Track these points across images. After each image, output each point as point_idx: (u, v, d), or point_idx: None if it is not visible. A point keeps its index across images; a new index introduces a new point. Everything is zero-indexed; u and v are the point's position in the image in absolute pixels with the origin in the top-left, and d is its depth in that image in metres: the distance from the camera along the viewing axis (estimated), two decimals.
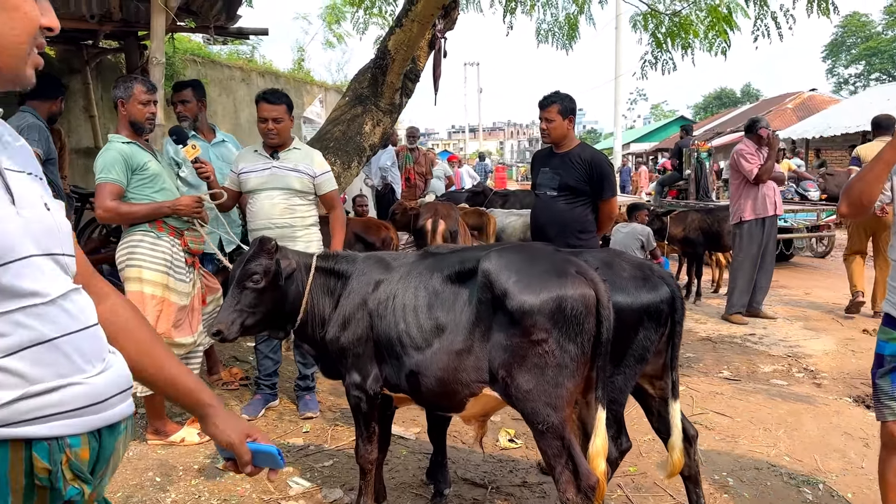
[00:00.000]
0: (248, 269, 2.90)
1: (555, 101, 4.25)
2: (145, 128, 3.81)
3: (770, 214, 6.85)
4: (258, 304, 2.93)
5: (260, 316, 2.96)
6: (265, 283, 2.91)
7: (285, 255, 3.03)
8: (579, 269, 2.61)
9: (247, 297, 2.91)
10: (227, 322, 2.87)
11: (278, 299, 2.98)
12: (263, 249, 2.94)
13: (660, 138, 40.94)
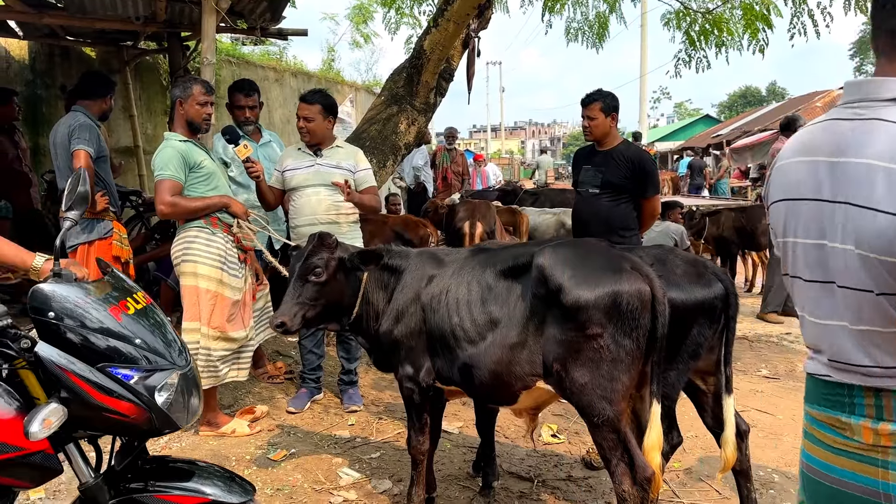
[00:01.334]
0: (310, 263, 2.98)
1: (597, 99, 4.28)
2: (201, 128, 3.90)
3: None
4: (319, 297, 3.01)
5: (320, 309, 3.04)
6: (326, 276, 2.99)
7: (345, 249, 3.10)
8: (634, 265, 2.65)
9: (308, 291, 2.98)
10: (290, 314, 2.95)
11: (337, 293, 3.06)
12: (324, 244, 3.02)
13: (684, 137, 40.58)
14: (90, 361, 1.69)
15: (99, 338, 1.72)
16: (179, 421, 1.79)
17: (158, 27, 6.68)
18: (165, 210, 3.72)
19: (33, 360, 1.67)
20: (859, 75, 47.29)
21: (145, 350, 1.76)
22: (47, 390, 1.69)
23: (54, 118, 4.92)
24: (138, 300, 1.90)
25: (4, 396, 1.70)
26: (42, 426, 1.58)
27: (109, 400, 1.68)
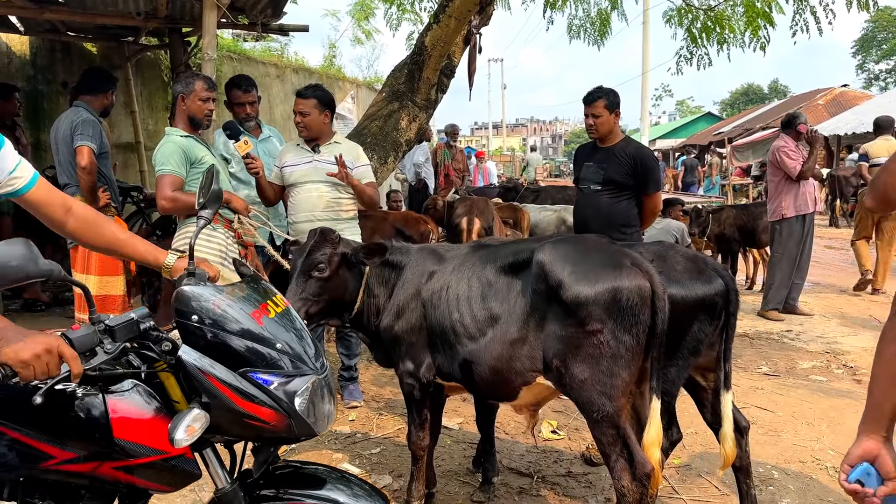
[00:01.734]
0: (313, 259, 2.98)
1: (601, 96, 4.28)
2: (202, 123, 3.91)
3: (811, 211, 6.82)
4: (322, 293, 3.01)
5: (322, 304, 3.04)
6: (329, 272, 2.99)
7: (347, 244, 3.11)
8: (634, 261, 2.65)
9: (311, 286, 2.98)
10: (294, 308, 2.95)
11: (340, 288, 3.06)
12: (327, 239, 3.02)
13: (686, 134, 40.56)
14: (232, 366, 1.64)
15: (241, 342, 1.67)
16: (317, 427, 1.73)
17: (159, 23, 6.69)
18: (166, 205, 3.72)
19: (174, 363, 1.63)
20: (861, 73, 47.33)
21: (285, 354, 1.70)
22: (187, 394, 1.65)
23: (55, 114, 4.94)
24: (278, 303, 1.85)
25: (146, 399, 1.68)
26: (186, 433, 1.55)
27: (251, 406, 1.63)
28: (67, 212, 1.99)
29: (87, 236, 2.02)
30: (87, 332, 1.55)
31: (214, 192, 2.02)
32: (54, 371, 1.44)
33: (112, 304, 4.63)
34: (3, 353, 1.40)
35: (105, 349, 1.57)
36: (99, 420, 1.61)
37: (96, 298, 4.54)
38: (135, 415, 1.64)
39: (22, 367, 1.40)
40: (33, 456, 1.61)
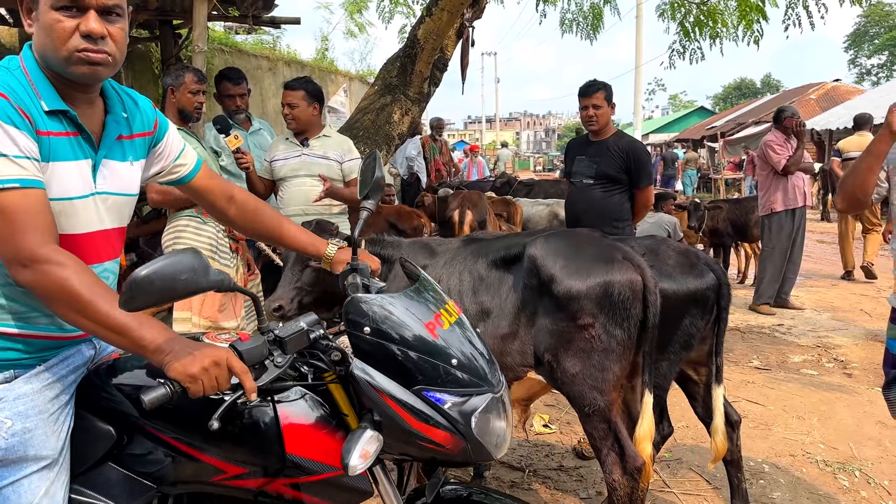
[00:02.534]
0: None
1: (601, 88, 4.26)
2: (192, 116, 3.87)
3: (800, 205, 6.83)
4: (316, 283, 2.99)
5: (316, 295, 3.02)
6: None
7: (342, 236, 3.09)
8: (626, 255, 2.65)
9: (307, 276, 2.96)
10: (287, 298, 2.92)
11: (334, 280, 3.04)
12: (324, 230, 2.99)
13: (679, 129, 40.65)
14: (404, 382, 1.50)
15: (415, 356, 1.52)
16: (495, 452, 1.57)
17: (150, 15, 6.63)
18: (156, 198, 3.69)
19: (343, 375, 1.52)
20: (853, 68, 47.47)
21: (461, 370, 1.54)
22: (356, 407, 1.55)
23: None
24: (451, 311, 1.69)
25: (315, 410, 1.58)
26: (360, 458, 1.43)
27: (425, 428, 1.49)
28: (230, 199, 1.95)
29: (249, 223, 1.98)
30: (257, 343, 1.46)
31: (377, 181, 1.94)
32: (224, 385, 1.38)
33: None
34: (172, 368, 1.34)
35: (275, 362, 1.48)
36: (270, 434, 1.54)
37: None
38: (306, 428, 1.56)
39: (190, 382, 1.34)
40: (204, 471, 1.58)
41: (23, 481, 1.49)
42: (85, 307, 1.34)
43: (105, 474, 1.62)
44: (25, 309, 1.52)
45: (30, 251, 1.35)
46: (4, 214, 1.35)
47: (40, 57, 1.52)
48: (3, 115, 1.37)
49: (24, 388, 1.52)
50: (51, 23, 1.46)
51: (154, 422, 1.58)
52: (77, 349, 1.65)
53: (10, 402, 1.49)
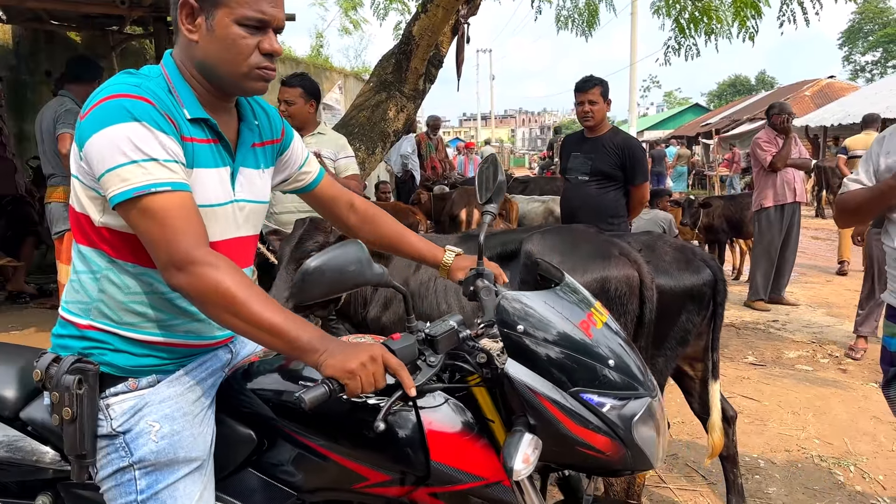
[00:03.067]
0: (305, 248, 2.93)
1: (597, 83, 4.26)
2: None
3: (790, 201, 6.84)
4: None
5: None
6: None
7: (335, 234, 3.08)
8: (622, 251, 2.65)
9: None
10: (282, 298, 2.91)
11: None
12: (319, 228, 2.98)
13: (674, 126, 40.70)
14: (560, 384, 1.41)
15: (570, 357, 1.43)
16: (654, 460, 1.47)
17: (144, 11, 6.60)
18: None
19: (490, 377, 1.45)
20: (848, 64, 47.59)
21: (618, 372, 1.45)
22: (502, 412, 1.47)
23: (39, 103, 4.87)
24: (601, 311, 1.59)
25: (459, 416, 1.50)
26: (523, 463, 1.34)
27: (584, 432, 1.39)
28: (351, 207, 1.93)
29: (369, 231, 1.95)
30: (409, 342, 1.41)
31: (500, 185, 1.89)
32: (380, 382, 1.32)
33: None
34: (329, 366, 1.30)
35: (428, 362, 1.42)
36: (414, 440, 1.47)
37: None
38: (450, 435, 1.48)
39: (349, 379, 1.29)
40: (346, 477, 1.53)
41: (178, 484, 1.49)
42: (239, 309, 1.32)
43: (245, 480, 1.59)
44: (167, 317, 1.52)
45: (185, 253, 1.33)
46: (158, 218, 1.33)
47: (199, 66, 1.50)
48: (152, 120, 1.36)
49: (167, 391, 1.53)
50: (234, 38, 1.45)
51: (296, 426, 1.54)
52: (214, 354, 1.66)
53: (156, 405, 1.51)
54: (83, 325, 1.51)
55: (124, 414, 1.49)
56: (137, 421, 1.49)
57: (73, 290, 1.53)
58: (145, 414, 1.50)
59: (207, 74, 1.50)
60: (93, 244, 1.48)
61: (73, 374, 1.44)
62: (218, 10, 1.43)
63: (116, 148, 1.33)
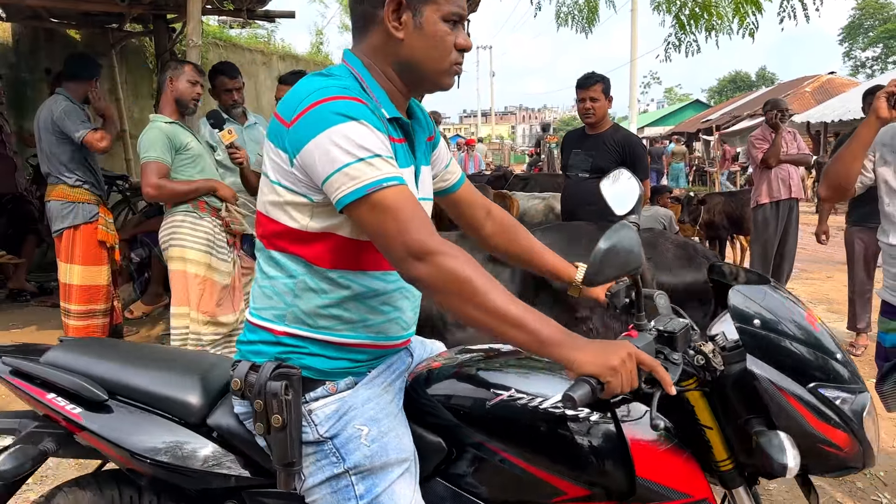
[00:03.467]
0: None
1: (599, 80, 4.26)
2: (189, 107, 3.86)
3: (785, 197, 6.82)
4: None
5: None
6: None
7: None
8: None
9: None
10: None
11: None
12: None
13: (674, 122, 40.66)
14: (799, 380, 1.38)
15: (805, 350, 1.40)
16: (876, 454, 1.44)
17: (144, 9, 6.60)
18: (151, 192, 3.68)
19: (710, 380, 1.41)
20: (848, 60, 47.55)
21: (844, 366, 1.42)
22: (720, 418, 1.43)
23: (39, 101, 4.85)
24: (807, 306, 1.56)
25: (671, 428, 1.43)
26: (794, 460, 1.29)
27: (827, 429, 1.36)
28: (488, 214, 1.89)
29: (503, 242, 1.90)
30: (647, 340, 1.37)
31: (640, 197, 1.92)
32: (635, 382, 1.25)
33: (97, 294, 4.58)
34: (585, 363, 1.22)
35: (671, 359, 1.36)
36: (616, 454, 1.42)
37: (81, 289, 4.53)
38: (654, 448, 1.42)
39: (612, 376, 1.22)
40: (543, 490, 1.47)
41: (394, 486, 1.46)
42: (482, 299, 1.27)
43: (435, 490, 1.55)
44: (361, 318, 1.50)
45: (422, 243, 1.30)
46: (391, 212, 1.31)
47: (398, 65, 1.48)
48: (368, 118, 1.35)
49: (366, 392, 1.52)
50: (441, 34, 1.44)
51: (489, 436, 1.49)
52: (398, 356, 1.64)
53: (359, 408, 1.49)
54: (278, 331, 1.50)
55: (329, 419, 1.48)
56: (344, 425, 1.47)
57: (264, 296, 1.52)
58: (351, 418, 1.48)
59: (407, 72, 1.49)
60: (290, 250, 1.46)
61: (277, 381, 1.42)
62: (426, 6, 1.43)
63: (341, 148, 1.31)
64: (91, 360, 1.73)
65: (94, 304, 4.59)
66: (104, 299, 4.64)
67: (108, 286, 4.67)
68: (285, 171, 1.40)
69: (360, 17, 1.49)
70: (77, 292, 4.51)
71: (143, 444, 1.58)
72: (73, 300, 4.52)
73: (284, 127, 1.39)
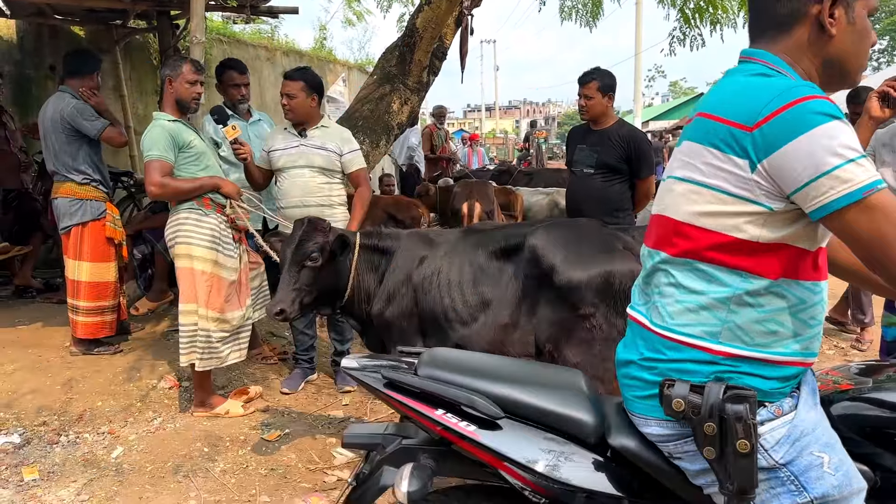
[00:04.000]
0: (305, 249, 2.95)
1: (594, 78, 4.25)
2: (190, 107, 3.87)
3: None
4: (314, 282, 2.99)
5: (316, 294, 3.03)
6: (322, 261, 2.97)
7: (335, 232, 3.09)
8: (626, 245, 2.65)
9: (305, 276, 2.96)
10: (287, 301, 2.92)
11: (332, 276, 3.05)
12: (317, 228, 2.99)
13: (679, 116, 40.40)
14: None
15: None
16: None
17: (147, 5, 6.59)
18: (155, 191, 3.69)
19: None
20: None
21: None
22: None
23: (44, 98, 4.85)
24: None
25: None
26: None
27: None
28: None
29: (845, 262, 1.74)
30: None
31: None
32: None
33: (105, 290, 4.61)
34: None
35: None
36: None
37: (89, 286, 4.56)
38: None
39: None
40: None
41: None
42: None
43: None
44: (794, 333, 1.42)
45: None
46: (889, 215, 1.24)
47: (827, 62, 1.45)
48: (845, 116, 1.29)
49: (811, 415, 1.43)
50: (868, 29, 1.43)
51: None
52: (809, 374, 1.53)
53: (811, 433, 1.41)
54: (713, 349, 1.42)
55: (781, 444, 1.40)
56: (800, 451, 1.39)
57: (688, 311, 1.45)
58: (806, 444, 1.40)
59: (829, 69, 1.45)
60: (730, 263, 1.39)
61: (738, 403, 1.36)
62: (857, 0, 1.40)
63: (828, 150, 1.24)
64: (469, 374, 1.68)
65: (103, 300, 4.61)
66: (112, 295, 4.67)
67: (115, 282, 4.69)
68: (741, 179, 1.33)
69: (781, 14, 1.44)
70: (86, 289, 4.54)
71: (545, 461, 1.54)
72: (82, 297, 4.55)
73: (744, 131, 1.31)
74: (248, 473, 3.43)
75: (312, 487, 3.31)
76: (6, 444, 3.64)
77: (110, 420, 3.95)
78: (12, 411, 3.95)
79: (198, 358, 3.83)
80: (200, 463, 3.52)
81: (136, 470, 3.45)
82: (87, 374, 4.38)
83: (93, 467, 3.47)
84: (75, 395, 4.15)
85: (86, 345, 4.65)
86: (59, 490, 3.24)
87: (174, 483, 3.33)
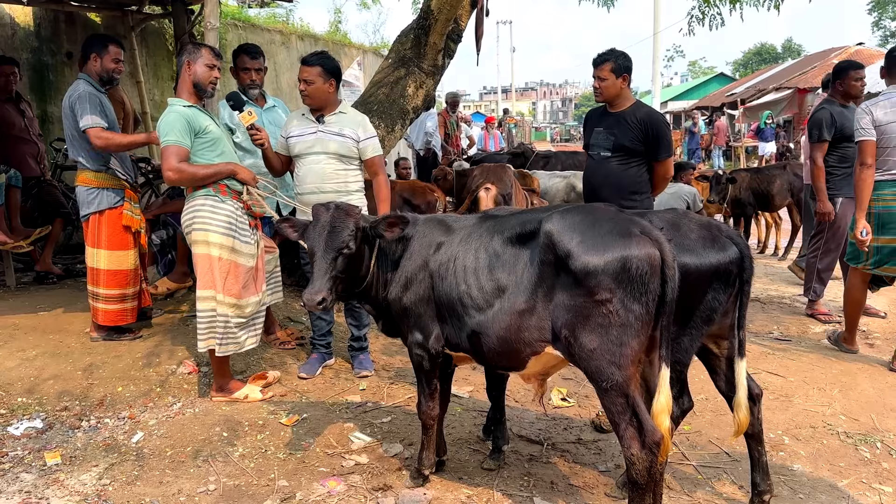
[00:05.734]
0: (343, 236, 2.91)
1: (608, 59, 4.18)
2: (207, 91, 3.86)
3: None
4: (347, 269, 2.96)
5: (347, 281, 3.02)
6: (356, 247, 2.96)
7: (366, 219, 3.07)
8: (644, 230, 2.61)
9: (340, 264, 2.93)
10: (326, 290, 2.87)
11: (359, 263, 3.04)
12: (350, 214, 2.96)
13: (698, 96, 39.94)
14: None
15: None
16: None
17: None
18: (172, 176, 3.70)
19: None
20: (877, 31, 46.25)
21: None
22: None
23: (61, 85, 4.89)
24: None
25: None
26: None
27: None
28: None
29: None
30: None
31: None
32: None
33: (125, 278, 4.64)
34: None
35: None
36: None
37: (109, 273, 4.60)
38: None
39: None
40: None
41: None
42: None
43: None
44: None
45: None
46: None
47: None
48: None
49: None
50: None
51: None
52: None
53: None
54: None
55: None
56: None
57: None
58: None
59: None
60: None
61: None
62: None
63: None
64: None
65: (124, 287, 4.65)
66: (133, 283, 4.70)
67: (135, 269, 4.72)
68: None
69: None
70: (105, 276, 4.58)
71: None
72: (102, 284, 4.59)
73: None
74: (267, 458, 3.46)
75: (330, 471, 3.33)
76: (29, 428, 3.70)
77: (130, 405, 4.00)
78: (34, 396, 4.01)
79: (217, 343, 3.85)
80: (220, 447, 3.56)
81: (156, 454, 3.49)
82: (107, 359, 4.43)
83: (114, 452, 3.52)
84: (96, 381, 4.20)
85: (106, 331, 4.70)
86: (80, 474, 3.29)
87: (194, 467, 3.37)
